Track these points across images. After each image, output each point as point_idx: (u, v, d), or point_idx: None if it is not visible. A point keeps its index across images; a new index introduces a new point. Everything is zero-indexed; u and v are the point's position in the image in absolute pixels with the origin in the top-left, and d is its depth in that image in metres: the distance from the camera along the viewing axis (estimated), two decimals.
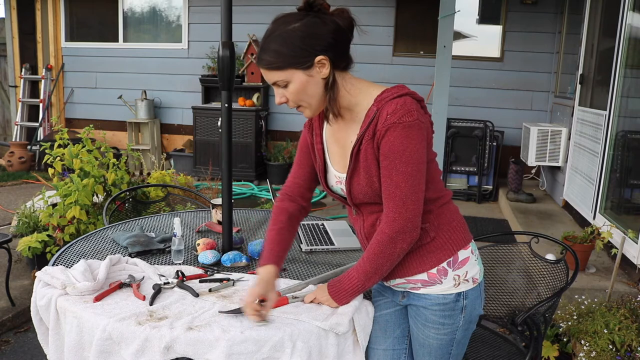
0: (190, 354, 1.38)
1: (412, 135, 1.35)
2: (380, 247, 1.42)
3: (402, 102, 1.36)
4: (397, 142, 1.34)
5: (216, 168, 6.35)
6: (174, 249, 1.89)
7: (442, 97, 4.16)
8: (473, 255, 1.52)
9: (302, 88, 1.39)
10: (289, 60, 1.36)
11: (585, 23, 4.89)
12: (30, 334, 3.00)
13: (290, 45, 1.36)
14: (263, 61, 1.40)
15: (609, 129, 4.01)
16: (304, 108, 1.45)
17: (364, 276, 1.46)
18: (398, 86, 1.42)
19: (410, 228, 1.40)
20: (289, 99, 1.42)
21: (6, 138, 7.94)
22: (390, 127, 1.34)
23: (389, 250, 1.42)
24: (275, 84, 1.41)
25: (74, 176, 3.44)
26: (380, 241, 1.42)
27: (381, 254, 1.42)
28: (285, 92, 1.41)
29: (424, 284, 1.50)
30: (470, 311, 1.51)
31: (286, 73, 1.38)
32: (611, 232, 3.25)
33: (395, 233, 1.40)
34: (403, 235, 1.40)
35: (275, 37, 1.37)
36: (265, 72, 1.41)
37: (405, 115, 1.34)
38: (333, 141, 1.55)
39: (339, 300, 1.51)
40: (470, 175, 6.01)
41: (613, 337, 2.46)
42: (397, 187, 1.37)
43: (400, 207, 1.38)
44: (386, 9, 6.45)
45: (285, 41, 1.36)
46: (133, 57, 7.34)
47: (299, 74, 1.38)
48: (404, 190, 1.37)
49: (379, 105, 1.38)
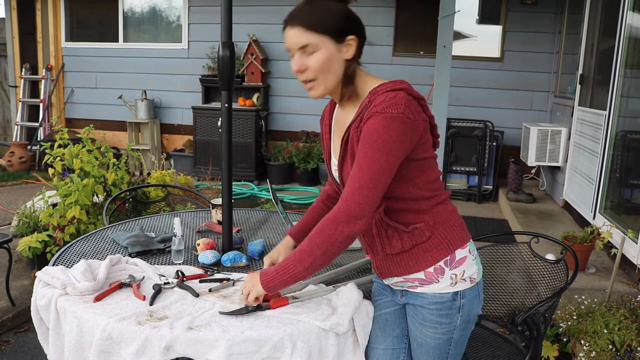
0: (190, 354, 1.38)
1: (392, 126, 1.33)
2: (322, 224, 1.39)
3: (392, 95, 1.36)
4: (374, 128, 1.34)
5: (216, 168, 6.35)
6: (174, 249, 1.89)
7: (442, 97, 4.17)
8: (471, 255, 1.52)
9: (328, 60, 1.39)
10: (328, 26, 1.37)
11: (585, 23, 4.90)
12: (31, 334, 3.00)
13: (332, 14, 1.38)
14: (299, 19, 1.38)
15: (608, 129, 4.01)
16: (318, 83, 1.42)
17: (298, 255, 1.40)
18: (396, 81, 1.42)
19: (359, 214, 1.35)
20: (310, 68, 1.40)
21: (6, 138, 7.95)
22: (372, 115, 1.35)
23: (329, 230, 1.37)
24: (303, 49, 1.39)
25: (74, 176, 3.44)
26: (325, 219, 1.39)
27: (321, 232, 1.38)
28: (307, 60, 1.40)
29: (421, 283, 1.50)
30: (468, 311, 1.51)
31: (320, 38, 1.37)
32: (611, 232, 3.25)
33: (342, 214, 1.35)
34: (348, 218, 1.35)
35: (317, 5, 1.39)
36: (298, 33, 1.38)
37: (390, 107, 1.34)
38: (335, 130, 1.58)
39: (267, 283, 1.44)
40: (470, 175, 6.01)
41: (613, 337, 2.46)
42: (360, 169, 1.35)
43: (356, 190, 1.35)
44: (386, 9, 6.45)
45: (327, 9, 1.39)
46: (133, 57, 7.35)
47: (330, 44, 1.38)
48: (366, 174, 1.34)
49: (372, 97, 1.39)
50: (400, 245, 1.48)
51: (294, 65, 1.42)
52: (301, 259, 1.39)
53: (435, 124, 1.48)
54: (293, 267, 1.40)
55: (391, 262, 1.52)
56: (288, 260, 1.42)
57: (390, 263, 1.52)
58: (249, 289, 1.49)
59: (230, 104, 1.89)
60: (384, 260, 1.53)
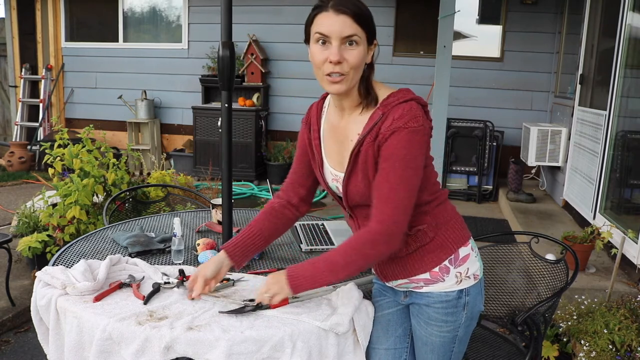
0: (190, 354, 1.38)
1: (416, 140, 1.34)
2: (360, 243, 1.39)
3: (408, 107, 1.35)
4: (400, 145, 1.34)
5: (216, 168, 6.35)
6: (174, 249, 1.89)
7: (442, 97, 4.16)
8: (473, 252, 1.53)
9: (363, 58, 1.38)
10: (371, 24, 1.38)
11: (585, 23, 4.89)
12: (30, 334, 3.00)
13: (370, 13, 1.38)
14: (351, 7, 1.33)
15: (608, 129, 4.01)
16: (346, 80, 1.37)
17: (330, 266, 1.40)
18: (403, 90, 1.42)
19: (397, 233, 1.38)
20: (348, 61, 1.35)
21: (6, 138, 7.94)
22: (395, 131, 1.33)
23: (367, 250, 1.38)
24: (346, 39, 1.34)
25: (74, 176, 3.44)
26: (363, 238, 1.39)
27: (358, 251, 1.39)
28: (347, 52, 1.35)
29: (426, 283, 1.50)
30: (472, 307, 1.52)
31: (364, 33, 1.36)
32: (611, 232, 3.25)
33: (382, 235, 1.37)
34: (388, 238, 1.37)
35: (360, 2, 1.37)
36: (348, 21, 1.33)
37: (411, 120, 1.34)
38: (330, 137, 1.53)
39: (296, 288, 1.42)
40: (470, 175, 6.01)
41: (613, 337, 2.46)
42: (393, 189, 1.35)
43: (392, 210, 1.36)
44: (386, 9, 6.45)
45: (367, 9, 1.38)
46: (133, 57, 7.34)
47: (364, 43, 1.38)
48: (400, 194, 1.36)
49: (385, 110, 1.37)
50: (405, 249, 1.48)
51: (334, 55, 1.33)
52: (335, 271, 1.40)
53: None
54: (326, 277, 1.41)
55: (396, 265, 1.52)
56: (319, 268, 1.41)
57: (395, 266, 1.52)
58: (275, 292, 1.44)
59: (230, 104, 1.88)
60: (389, 264, 1.53)
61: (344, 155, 1.48)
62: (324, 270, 1.41)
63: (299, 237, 2.18)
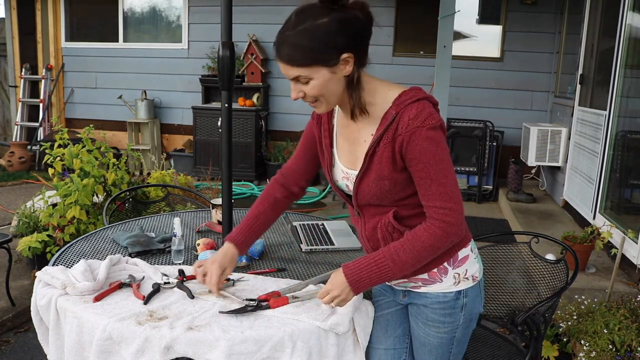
0: (190, 354, 1.38)
1: (438, 136, 1.35)
2: (432, 239, 1.38)
3: (422, 107, 1.36)
4: (426, 144, 1.34)
5: (216, 168, 6.35)
6: (174, 249, 1.89)
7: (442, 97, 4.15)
8: (472, 254, 1.52)
9: (324, 85, 1.35)
10: (316, 57, 1.31)
11: (585, 23, 4.89)
12: (30, 334, 3.00)
13: (318, 42, 1.30)
14: (286, 56, 1.33)
15: (608, 129, 4.01)
16: (320, 103, 1.41)
17: (400, 266, 1.39)
18: (414, 89, 1.41)
19: (461, 222, 1.39)
20: (308, 94, 1.38)
21: (6, 138, 7.94)
22: (415, 132, 1.33)
23: (440, 244, 1.39)
24: (296, 79, 1.36)
25: (74, 176, 3.44)
26: (433, 234, 1.38)
27: (431, 247, 1.38)
28: (304, 87, 1.37)
29: (424, 283, 1.50)
30: (470, 309, 1.51)
31: (310, 70, 1.33)
32: (611, 232, 3.25)
33: (450, 226, 1.37)
34: (456, 228, 1.38)
35: (300, 32, 1.30)
36: (286, 67, 1.35)
37: (427, 118, 1.34)
38: (342, 136, 1.53)
39: (359, 288, 1.42)
40: (470, 175, 6.01)
41: (613, 337, 2.46)
42: (441, 184, 1.36)
43: (449, 202, 1.36)
44: (386, 9, 6.45)
45: (312, 36, 1.30)
46: (133, 57, 7.34)
47: (323, 71, 1.33)
48: (448, 186, 1.36)
49: (398, 109, 1.37)
50: None
51: (293, 94, 1.40)
52: (403, 269, 1.40)
53: None
54: (392, 274, 1.40)
55: None
56: (382, 265, 1.39)
57: None
58: (343, 298, 1.43)
59: (230, 104, 1.89)
60: None
61: (357, 155, 1.48)
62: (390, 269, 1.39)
63: (299, 237, 2.18)
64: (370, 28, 1.37)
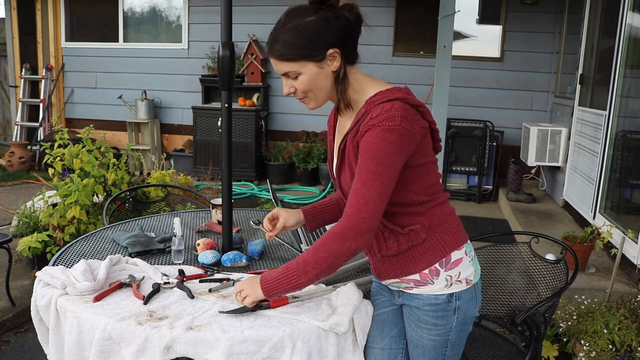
0: (190, 354, 1.38)
1: (389, 139, 1.33)
2: (328, 238, 1.39)
3: (388, 107, 1.35)
4: (372, 142, 1.34)
5: (216, 168, 6.34)
6: (174, 249, 1.89)
7: (442, 97, 4.16)
8: (467, 257, 1.51)
9: (313, 80, 1.41)
10: (303, 52, 1.38)
11: (585, 23, 4.90)
12: (30, 334, 3.00)
13: (304, 38, 1.38)
14: (275, 51, 1.41)
15: (608, 129, 4.01)
16: (309, 99, 1.47)
17: (302, 265, 1.41)
18: (393, 89, 1.42)
19: (366, 229, 1.37)
20: (298, 89, 1.44)
21: (6, 138, 7.95)
22: (370, 129, 1.35)
23: (335, 246, 1.38)
24: (286, 75, 1.43)
25: (74, 176, 3.44)
26: (331, 234, 1.39)
27: (326, 246, 1.39)
28: (294, 83, 1.43)
29: (416, 284, 1.50)
30: (464, 312, 1.50)
31: (298, 64, 1.40)
32: (611, 232, 3.25)
33: (349, 230, 1.37)
34: (356, 234, 1.37)
35: (289, 29, 1.39)
36: (277, 63, 1.42)
37: (386, 119, 1.33)
38: (338, 133, 1.59)
39: (269, 290, 1.45)
40: (470, 175, 6.01)
41: (613, 337, 2.47)
42: (364, 184, 1.36)
43: (362, 205, 1.36)
44: (386, 9, 6.45)
45: (299, 33, 1.38)
46: (133, 57, 7.34)
47: (310, 66, 1.40)
48: (370, 190, 1.35)
49: (368, 108, 1.39)
50: (397, 247, 1.48)
51: (285, 89, 1.47)
52: (306, 271, 1.41)
53: (436, 129, 1.48)
54: (297, 277, 1.41)
55: (388, 263, 1.52)
56: (291, 269, 1.42)
57: (387, 264, 1.52)
58: (248, 293, 1.48)
59: (230, 104, 1.89)
60: (382, 261, 1.54)
61: None
62: (295, 271, 1.42)
63: (299, 237, 2.17)
64: (358, 27, 1.43)
